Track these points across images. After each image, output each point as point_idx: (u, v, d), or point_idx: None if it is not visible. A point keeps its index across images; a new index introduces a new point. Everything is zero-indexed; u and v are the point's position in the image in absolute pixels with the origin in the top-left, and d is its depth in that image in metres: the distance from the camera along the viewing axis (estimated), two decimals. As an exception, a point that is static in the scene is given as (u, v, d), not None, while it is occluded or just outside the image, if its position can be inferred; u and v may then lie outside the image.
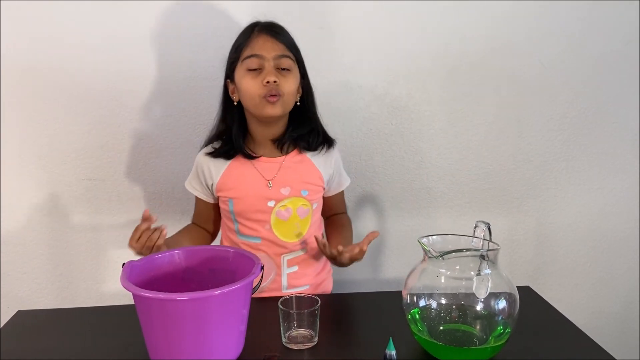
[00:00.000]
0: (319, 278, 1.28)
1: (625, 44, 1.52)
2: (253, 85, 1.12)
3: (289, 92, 1.14)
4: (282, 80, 1.12)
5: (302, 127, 1.22)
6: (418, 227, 1.59)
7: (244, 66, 1.14)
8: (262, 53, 1.12)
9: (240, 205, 1.19)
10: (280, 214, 1.19)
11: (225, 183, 1.20)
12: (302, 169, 1.21)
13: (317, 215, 1.27)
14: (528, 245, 1.64)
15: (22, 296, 1.52)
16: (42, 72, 1.38)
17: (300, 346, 0.96)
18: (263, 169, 1.20)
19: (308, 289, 1.25)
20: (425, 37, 1.46)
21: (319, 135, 1.24)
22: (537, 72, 1.52)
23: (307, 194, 1.21)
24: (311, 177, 1.22)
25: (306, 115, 1.23)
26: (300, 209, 1.20)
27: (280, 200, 1.19)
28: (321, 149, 1.24)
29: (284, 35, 1.15)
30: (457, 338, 0.91)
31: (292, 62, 1.15)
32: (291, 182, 1.19)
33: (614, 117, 1.58)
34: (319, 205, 1.26)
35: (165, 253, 0.99)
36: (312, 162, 1.23)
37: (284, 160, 1.21)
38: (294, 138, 1.21)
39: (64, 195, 1.47)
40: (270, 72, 1.11)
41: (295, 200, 1.20)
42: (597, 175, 1.62)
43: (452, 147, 1.55)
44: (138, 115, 1.44)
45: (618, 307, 1.71)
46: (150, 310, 0.84)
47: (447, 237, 0.98)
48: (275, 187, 1.19)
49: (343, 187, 1.31)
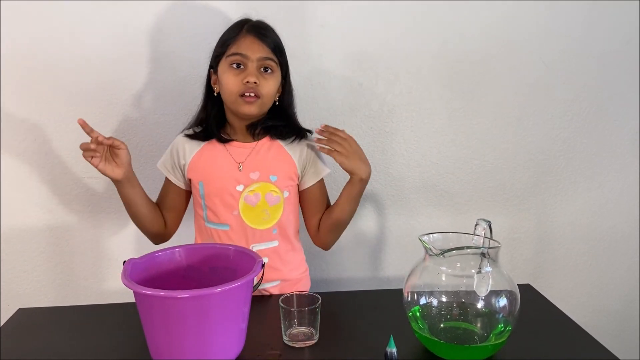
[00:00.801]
0: (292, 275, 1.27)
1: (626, 43, 1.52)
2: (234, 82, 1.14)
3: (268, 94, 1.17)
4: (263, 82, 1.15)
5: (277, 120, 1.24)
6: (419, 225, 1.59)
7: (227, 61, 1.16)
8: (247, 53, 1.14)
9: (209, 187, 1.20)
10: (249, 199, 1.20)
11: (196, 164, 1.21)
12: (273, 155, 1.22)
13: (292, 207, 1.25)
14: (529, 244, 1.65)
15: (22, 294, 1.52)
16: (42, 69, 1.38)
17: (301, 344, 0.96)
18: (235, 153, 1.21)
19: (278, 285, 1.24)
20: (426, 35, 1.46)
21: (292, 128, 1.25)
22: (538, 71, 1.51)
23: (276, 180, 1.21)
24: (281, 163, 1.22)
25: (284, 113, 1.25)
26: (269, 195, 1.21)
27: (248, 184, 1.19)
28: (293, 139, 1.25)
29: (270, 38, 1.17)
30: (458, 336, 0.92)
31: (274, 64, 1.17)
32: (261, 166, 1.20)
33: (615, 115, 1.58)
34: (293, 195, 1.25)
35: (166, 251, 0.99)
36: (284, 149, 1.24)
37: (256, 145, 1.22)
38: (267, 126, 1.23)
39: (65, 194, 1.47)
40: (252, 73, 1.13)
41: (264, 186, 1.20)
42: (598, 174, 1.62)
43: (453, 146, 1.55)
44: (138, 114, 1.44)
45: (618, 305, 1.71)
46: (151, 308, 0.84)
47: (448, 235, 0.98)
48: (245, 170, 1.20)
49: (320, 175, 1.27)
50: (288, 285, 1.26)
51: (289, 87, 1.25)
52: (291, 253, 1.27)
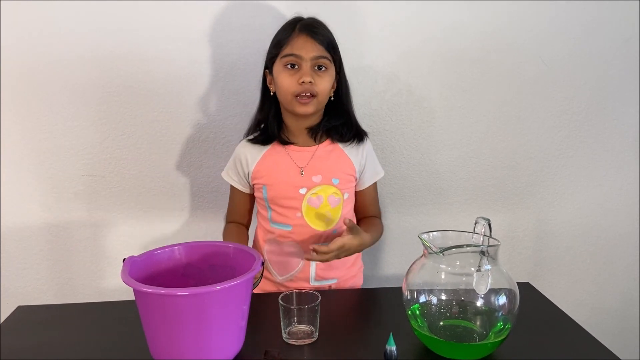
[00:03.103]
0: (348, 272, 1.30)
1: (626, 41, 1.52)
2: (289, 83, 1.16)
3: (323, 92, 1.18)
4: (318, 80, 1.17)
5: (335, 119, 1.26)
6: (418, 223, 1.59)
7: (282, 62, 1.18)
8: (300, 53, 1.16)
9: (273, 192, 1.23)
10: (312, 202, 1.22)
11: (260, 171, 1.24)
12: (334, 158, 1.25)
13: (349, 206, 1.29)
14: (528, 242, 1.65)
15: (22, 292, 1.52)
16: (41, 67, 1.38)
17: (300, 342, 0.96)
18: (296, 157, 1.24)
19: (337, 282, 1.27)
20: (426, 33, 1.46)
21: (351, 127, 1.27)
22: (538, 69, 1.51)
23: (338, 183, 1.23)
24: (342, 166, 1.25)
25: (340, 108, 1.26)
26: (332, 197, 1.23)
27: (311, 187, 1.22)
28: (352, 142, 1.27)
29: (323, 35, 1.19)
30: (457, 334, 0.92)
31: (328, 62, 1.19)
32: (323, 170, 1.23)
33: (614, 114, 1.58)
34: (351, 196, 1.28)
35: (166, 249, 0.99)
36: (343, 152, 1.26)
37: (317, 149, 1.25)
38: (327, 128, 1.25)
39: (64, 191, 1.47)
40: (307, 73, 1.15)
41: (326, 188, 1.23)
42: (597, 172, 1.62)
43: (452, 144, 1.55)
44: (137, 112, 1.43)
45: (618, 303, 1.71)
46: (151, 306, 0.84)
47: (447, 233, 0.98)
48: (307, 174, 1.22)
49: (378, 177, 1.33)
50: (342, 282, 1.29)
51: (344, 81, 1.27)
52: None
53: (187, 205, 1.50)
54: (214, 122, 1.46)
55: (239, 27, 1.39)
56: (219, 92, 1.44)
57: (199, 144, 1.46)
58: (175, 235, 1.52)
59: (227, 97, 1.44)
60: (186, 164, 1.47)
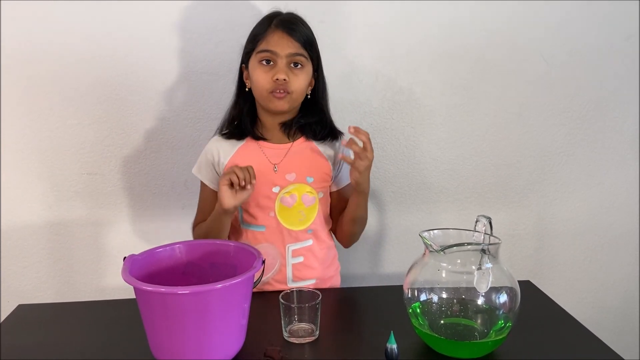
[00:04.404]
0: (326, 273, 1.28)
1: (626, 39, 1.52)
2: (264, 79, 1.14)
3: (298, 89, 1.16)
4: (293, 78, 1.14)
5: (309, 116, 1.23)
6: (419, 221, 1.58)
7: (257, 58, 1.16)
8: (276, 50, 1.14)
9: None
10: (285, 201, 1.20)
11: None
12: (308, 156, 1.23)
13: (325, 207, 1.27)
14: (529, 240, 1.64)
15: (22, 290, 1.52)
16: (42, 66, 1.38)
17: (301, 340, 0.96)
18: (270, 154, 1.21)
19: (315, 283, 1.25)
20: (426, 31, 1.45)
21: (325, 125, 1.25)
22: (538, 67, 1.51)
23: (312, 181, 1.21)
24: (317, 164, 1.23)
25: (316, 106, 1.24)
26: (306, 196, 1.21)
27: (285, 186, 1.20)
28: (326, 139, 1.25)
29: (300, 32, 1.16)
30: (458, 332, 0.92)
31: (305, 59, 1.17)
32: (297, 168, 1.21)
33: (615, 112, 1.57)
34: (326, 195, 1.26)
35: (167, 247, 0.99)
36: (318, 150, 1.24)
37: (291, 146, 1.22)
38: (301, 125, 1.23)
39: (65, 190, 1.47)
40: (281, 70, 1.13)
41: (300, 187, 1.20)
42: (598, 170, 1.61)
43: (453, 142, 1.54)
44: (138, 110, 1.43)
45: (618, 301, 1.71)
46: (152, 304, 0.84)
47: (448, 232, 0.98)
48: (280, 172, 1.20)
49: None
50: (321, 282, 1.26)
51: (321, 79, 1.24)
52: (325, 251, 1.27)
53: (187, 203, 1.50)
54: (214, 121, 1.45)
55: (239, 27, 1.39)
56: (220, 91, 1.43)
57: (199, 143, 1.46)
58: (176, 233, 1.51)
59: (228, 96, 1.44)
60: (186, 162, 1.47)
